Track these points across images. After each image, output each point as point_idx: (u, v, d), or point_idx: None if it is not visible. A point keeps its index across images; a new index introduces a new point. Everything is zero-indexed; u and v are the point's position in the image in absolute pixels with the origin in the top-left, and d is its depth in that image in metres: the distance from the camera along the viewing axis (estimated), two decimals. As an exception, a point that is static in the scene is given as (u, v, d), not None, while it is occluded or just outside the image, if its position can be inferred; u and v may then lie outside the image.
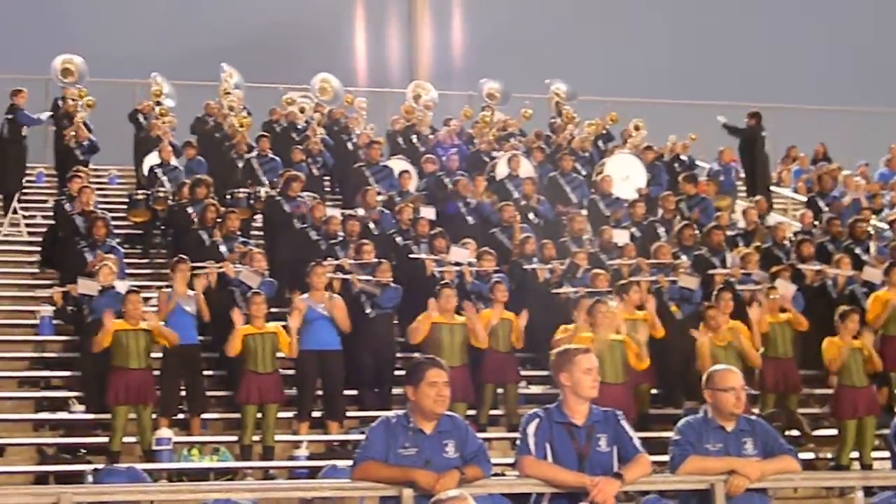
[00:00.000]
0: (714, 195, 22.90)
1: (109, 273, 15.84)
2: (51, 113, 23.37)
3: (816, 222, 21.38)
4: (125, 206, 21.72)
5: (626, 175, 22.60)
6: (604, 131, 25.43)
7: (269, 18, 37.28)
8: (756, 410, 15.01)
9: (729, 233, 19.94)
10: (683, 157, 25.09)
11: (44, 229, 20.89)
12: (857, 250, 19.34)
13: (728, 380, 8.07)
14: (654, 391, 16.66)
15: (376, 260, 16.95)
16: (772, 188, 26.10)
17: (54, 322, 17.80)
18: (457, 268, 17.36)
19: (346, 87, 26.24)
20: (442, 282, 16.13)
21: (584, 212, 20.63)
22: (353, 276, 16.64)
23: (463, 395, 14.74)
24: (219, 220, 18.26)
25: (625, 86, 31.89)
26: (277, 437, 14.97)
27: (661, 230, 19.88)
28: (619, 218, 20.29)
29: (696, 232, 19.08)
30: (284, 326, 15.20)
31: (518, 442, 7.80)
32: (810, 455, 15.62)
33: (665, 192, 21.63)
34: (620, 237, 19.03)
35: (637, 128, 25.22)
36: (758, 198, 22.94)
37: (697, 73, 36.03)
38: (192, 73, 28.13)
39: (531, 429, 7.70)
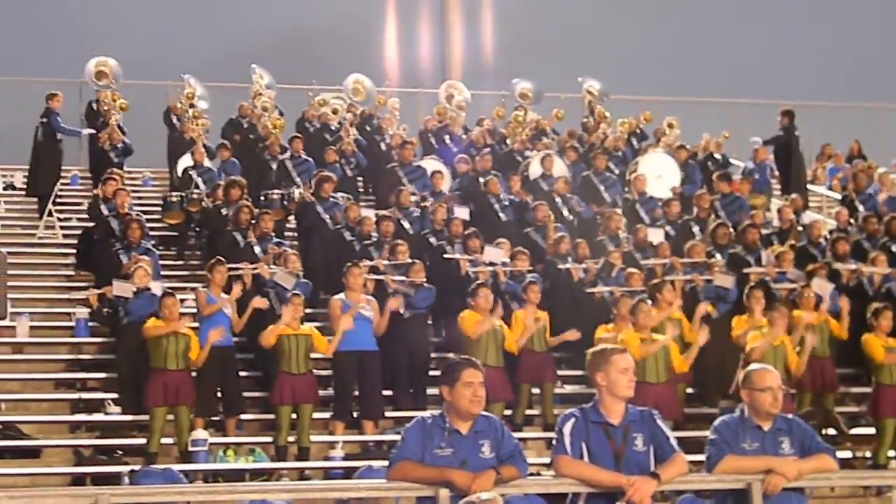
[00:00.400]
0: (748, 193, 22.80)
1: (144, 275, 15.88)
2: (93, 131, 23.40)
3: (852, 220, 21.28)
4: (159, 208, 21.79)
5: (659, 174, 22.54)
6: (638, 130, 25.38)
7: (301, 19, 37.35)
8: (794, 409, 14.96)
9: (764, 231, 19.86)
10: (717, 156, 25.01)
11: (79, 232, 20.98)
12: (894, 248, 19.23)
13: (766, 379, 8.03)
14: (689, 390, 16.62)
15: (410, 260, 16.95)
16: (807, 186, 25.98)
17: (90, 324, 17.88)
18: (491, 268, 17.34)
19: (378, 88, 26.24)
20: (477, 282, 16.11)
21: (619, 210, 20.59)
22: (387, 277, 16.65)
23: (500, 395, 14.77)
24: (253, 221, 18.29)
25: (658, 84, 31.82)
26: (313, 438, 14.98)
27: (696, 229, 19.82)
28: (654, 217, 20.25)
29: (731, 230, 19.01)
30: (319, 328, 15.21)
31: (554, 442, 7.78)
32: (848, 454, 15.56)
33: (699, 190, 21.55)
34: (655, 236, 18.98)
35: (670, 126, 25.16)
36: (793, 196, 22.86)
37: (731, 71, 35.92)
38: (224, 75, 28.21)
39: (567, 428, 7.68)
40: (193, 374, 15.11)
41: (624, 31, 37.93)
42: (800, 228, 20.44)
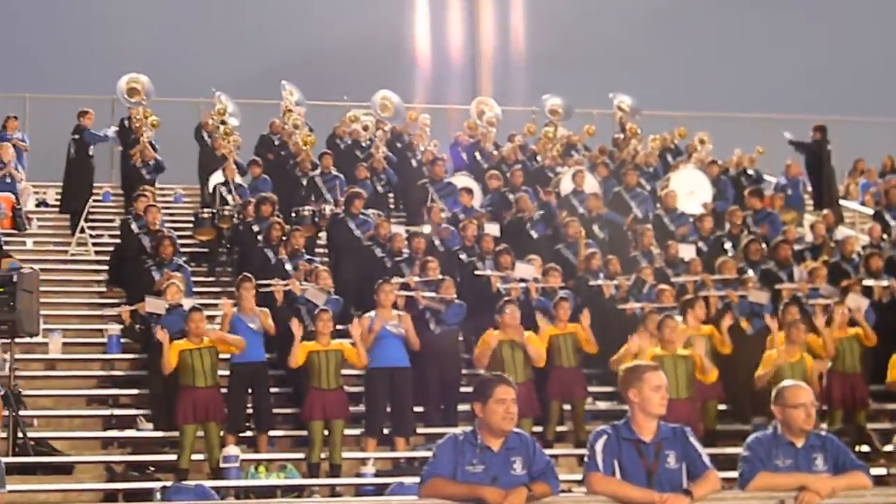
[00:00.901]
0: (781, 209, 22.72)
1: (177, 291, 15.91)
2: (117, 128, 23.53)
3: (885, 235, 21.17)
4: (191, 225, 21.86)
5: (690, 190, 22.49)
6: (671, 146, 25.34)
7: (331, 35, 37.49)
8: (824, 426, 14.87)
9: (796, 247, 19.79)
10: (751, 171, 24.94)
11: (111, 248, 21.06)
12: (928, 264, 19.13)
13: (799, 396, 8.00)
14: (721, 407, 16.54)
15: (440, 277, 16.94)
16: (839, 201, 25.88)
17: (122, 340, 17.94)
18: (522, 284, 17.33)
19: (407, 104, 26.29)
20: (506, 298, 16.07)
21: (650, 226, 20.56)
22: (417, 293, 16.64)
23: (528, 411, 14.72)
24: (284, 237, 18.32)
25: (690, 100, 31.76)
26: (344, 455, 14.94)
27: (728, 245, 19.77)
28: (684, 233, 20.21)
29: (763, 246, 18.95)
30: (351, 343, 15.21)
31: (586, 458, 7.75)
32: (882, 471, 15.43)
33: (732, 206, 21.49)
34: (686, 252, 18.93)
35: (702, 142, 25.10)
36: (825, 212, 22.77)
37: (763, 87, 35.86)
38: (255, 92, 28.32)
39: (599, 445, 7.65)
40: (224, 390, 15.15)
41: (656, 48, 37.93)
42: (832, 244, 20.34)
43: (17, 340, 15.38)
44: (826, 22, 38.67)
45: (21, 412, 14.86)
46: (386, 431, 15.65)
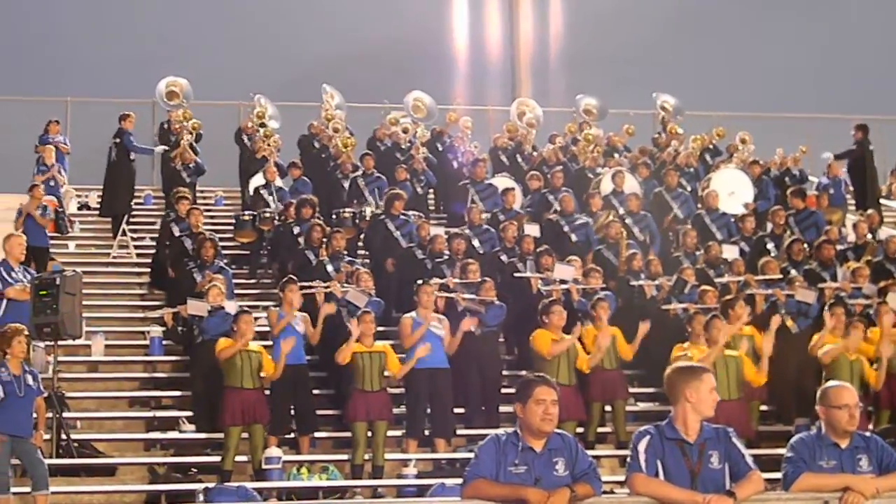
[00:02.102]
0: (825, 209, 22.61)
1: (219, 294, 15.95)
2: (166, 148, 23.57)
3: (928, 235, 21.04)
4: (231, 227, 21.93)
5: (731, 190, 22.39)
6: (711, 146, 25.24)
7: (370, 39, 37.54)
8: (871, 427, 14.78)
9: (839, 247, 19.68)
10: (794, 171, 24.83)
11: (152, 251, 21.15)
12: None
13: (842, 397, 7.97)
14: (764, 408, 16.46)
15: (481, 279, 16.92)
16: (882, 201, 25.73)
17: (164, 343, 18.01)
18: (563, 286, 17.29)
19: (446, 105, 26.31)
20: (549, 299, 16.03)
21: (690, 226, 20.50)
22: (457, 295, 16.63)
23: (573, 414, 14.69)
24: (325, 239, 18.35)
25: (731, 99, 31.67)
26: (386, 456, 14.94)
27: (771, 245, 19.68)
28: (726, 233, 20.15)
29: (806, 246, 18.85)
30: (392, 346, 15.22)
31: (629, 459, 7.72)
32: (927, 472, 15.31)
33: (774, 206, 21.38)
34: (729, 252, 18.86)
35: (743, 141, 24.99)
36: (869, 211, 22.63)
37: (804, 86, 35.69)
38: (294, 95, 28.40)
39: (642, 446, 7.63)
40: (267, 391, 15.18)
41: (696, 48, 37.81)
42: (875, 244, 20.22)
43: (60, 343, 15.47)
44: (867, 21, 38.48)
45: (64, 414, 14.94)
46: (426, 433, 15.65)
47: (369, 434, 14.75)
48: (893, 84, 36.19)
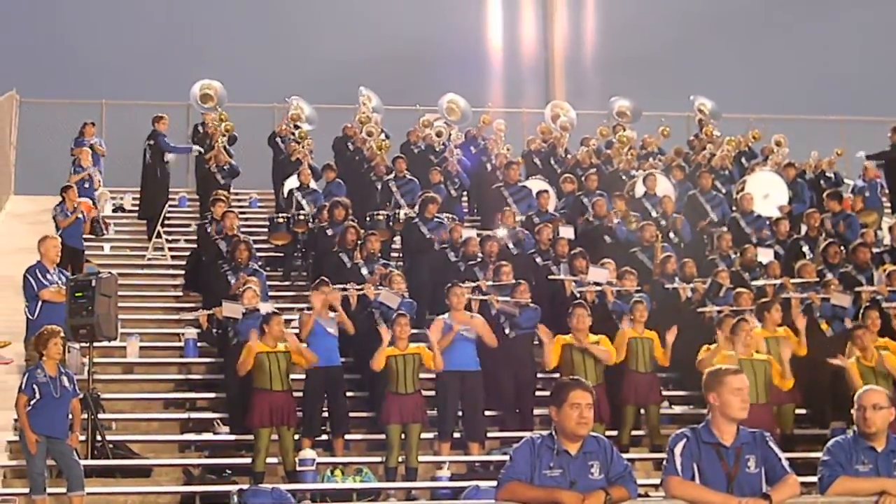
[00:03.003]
0: (861, 212, 22.49)
1: (254, 296, 15.97)
2: (201, 150, 23.63)
3: (965, 237, 20.88)
4: (265, 230, 21.97)
5: (766, 193, 22.32)
6: (746, 148, 25.15)
7: (404, 40, 37.54)
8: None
9: (875, 250, 19.58)
10: (830, 174, 24.71)
11: (187, 253, 21.22)
12: None
13: (870, 398, 7.96)
14: (799, 411, 16.37)
15: (514, 281, 16.90)
16: (918, 203, 25.60)
17: (198, 345, 18.06)
18: (597, 288, 17.25)
19: (480, 108, 26.29)
20: (575, 302, 16.00)
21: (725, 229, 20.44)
22: (491, 297, 16.61)
23: (599, 415, 14.62)
24: (359, 242, 18.36)
25: (765, 102, 31.55)
26: (420, 458, 14.92)
27: (806, 248, 19.60)
28: (762, 237, 20.08)
29: (842, 249, 18.76)
30: (428, 346, 15.22)
31: (665, 462, 7.71)
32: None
33: (809, 209, 21.28)
34: (765, 255, 18.79)
35: (778, 144, 24.89)
36: (907, 213, 22.53)
37: (840, 88, 35.53)
38: (327, 97, 28.41)
39: (678, 449, 7.61)
40: (299, 394, 15.19)
41: (730, 49, 37.68)
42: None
43: (95, 344, 15.52)
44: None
45: (100, 415, 15.01)
46: (457, 436, 15.63)
47: (403, 436, 14.75)
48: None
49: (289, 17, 39.83)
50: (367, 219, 20.52)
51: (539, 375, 16.65)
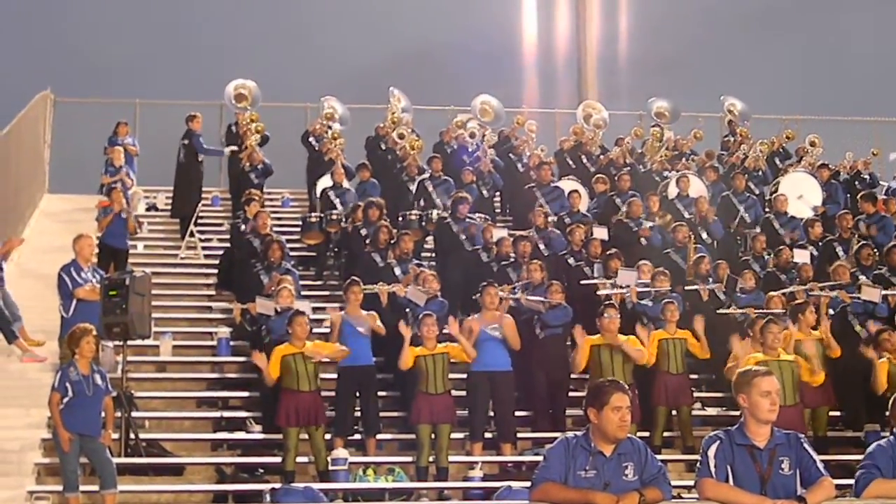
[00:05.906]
0: (894, 214, 22.36)
1: (289, 295, 15.92)
2: (234, 148, 23.67)
3: None
4: (298, 229, 21.99)
5: (799, 194, 22.24)
6: (780, 149, 25.05)
7: (437, 41, 37.55)
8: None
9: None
10: (865, 175, 24.58)
11: (220, 252, 21.26)
12: None
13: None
14: (833, 413, 16.28)
15: (547, 282, 16.87)
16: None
17: (232, 343, 18.09)
18: (624, 290, 17.20)
19: (513, 108, 26.26)
20: (606, 302, 15.96)
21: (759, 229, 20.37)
22: (521, 295, 16.59)
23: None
24: (392, 241, 18.36)
25: (800, 102, 31.43)
26: (451, 458, 14.92)
27: (839, 249, 19.50)
28: (794, 238, 20.00)
29: (875, 251, 18.67)
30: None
31: (698, 464, 7.68)
32: None
33: (843, 210, 21.17)
34: (801, 256, 18.70)
35: (812, 144, 24.79)
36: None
37: (873, 89, 35.37)
38: (360, 96, 28.43)
39: (712, 451, 7.58)
40: (332, 393, 15.20)
41: (765, 50, 37.55)
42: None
43: (129, 343, 15.56)
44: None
45: (133, 414, 15.04)
46: (489, 436, 15.61)
47: (433, 437, 14.74)
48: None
49: (321, 17, 39.93)
50: (400, 218, 20.52)
51: (573, 376, 16.61)
